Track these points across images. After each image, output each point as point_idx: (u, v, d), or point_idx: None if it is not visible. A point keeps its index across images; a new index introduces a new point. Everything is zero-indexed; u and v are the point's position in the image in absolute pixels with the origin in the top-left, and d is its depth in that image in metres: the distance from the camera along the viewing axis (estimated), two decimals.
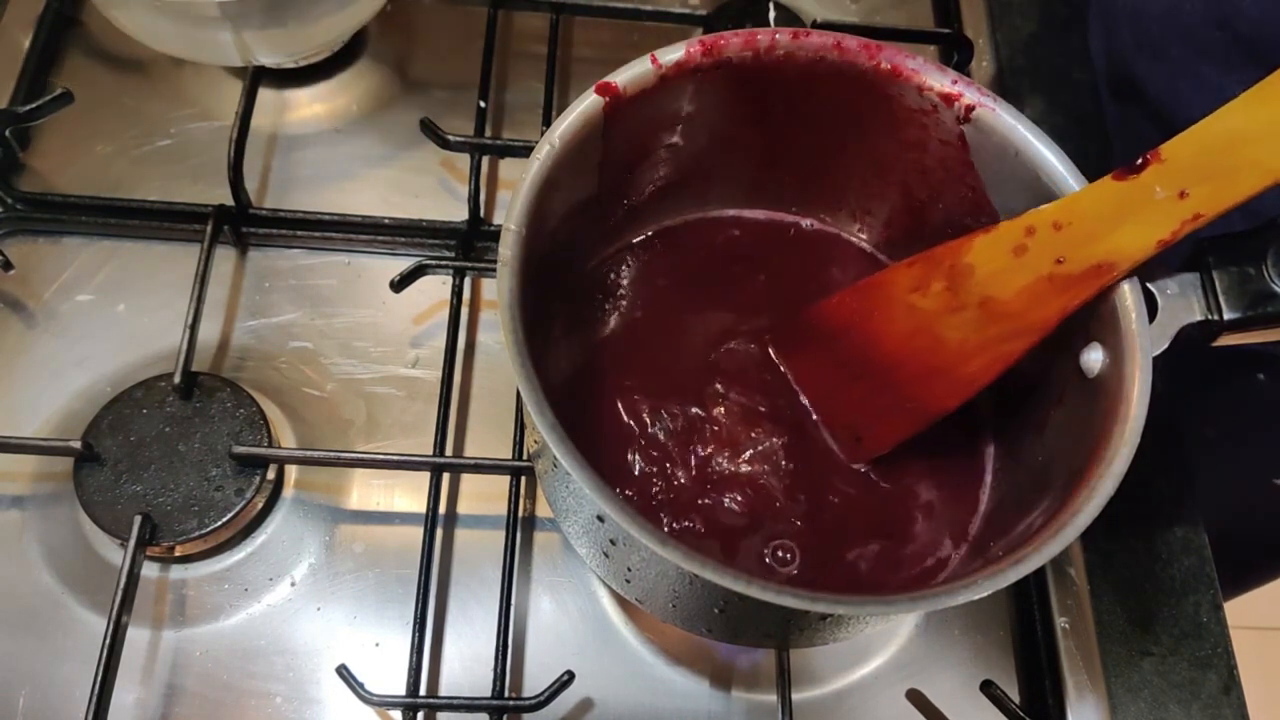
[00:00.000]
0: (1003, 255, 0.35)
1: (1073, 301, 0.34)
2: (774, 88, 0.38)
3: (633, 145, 0.39)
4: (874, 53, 0.37)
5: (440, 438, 0.46)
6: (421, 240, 0.52)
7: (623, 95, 0.36)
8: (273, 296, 0.51)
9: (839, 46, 0.37)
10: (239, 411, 0.45)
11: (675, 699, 0.43)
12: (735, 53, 0.37)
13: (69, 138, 0.54)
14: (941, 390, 0.38)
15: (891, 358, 0.39)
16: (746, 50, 0.37)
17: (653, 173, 0.41)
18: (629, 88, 0.36)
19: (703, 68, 0.37)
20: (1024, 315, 0.35)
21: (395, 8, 0.60)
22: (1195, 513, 0.49)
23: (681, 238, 0.45)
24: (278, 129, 0.55)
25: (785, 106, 0.39)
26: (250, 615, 0.43)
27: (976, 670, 0.44)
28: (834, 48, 0.37)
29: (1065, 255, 0.34)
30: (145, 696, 0.41)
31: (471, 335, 0.51)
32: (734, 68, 0.37)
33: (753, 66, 0.37)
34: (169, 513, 0.42)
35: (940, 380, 0.38)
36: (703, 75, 0.37)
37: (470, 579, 0.45)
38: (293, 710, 0.41)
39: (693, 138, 0.40)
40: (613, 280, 0.43)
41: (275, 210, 0.52)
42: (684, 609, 0.36)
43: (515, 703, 0.41)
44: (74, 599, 0.43)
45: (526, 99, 0.57)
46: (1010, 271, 0.35)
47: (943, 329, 0.37)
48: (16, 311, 0.49)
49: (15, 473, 0.45)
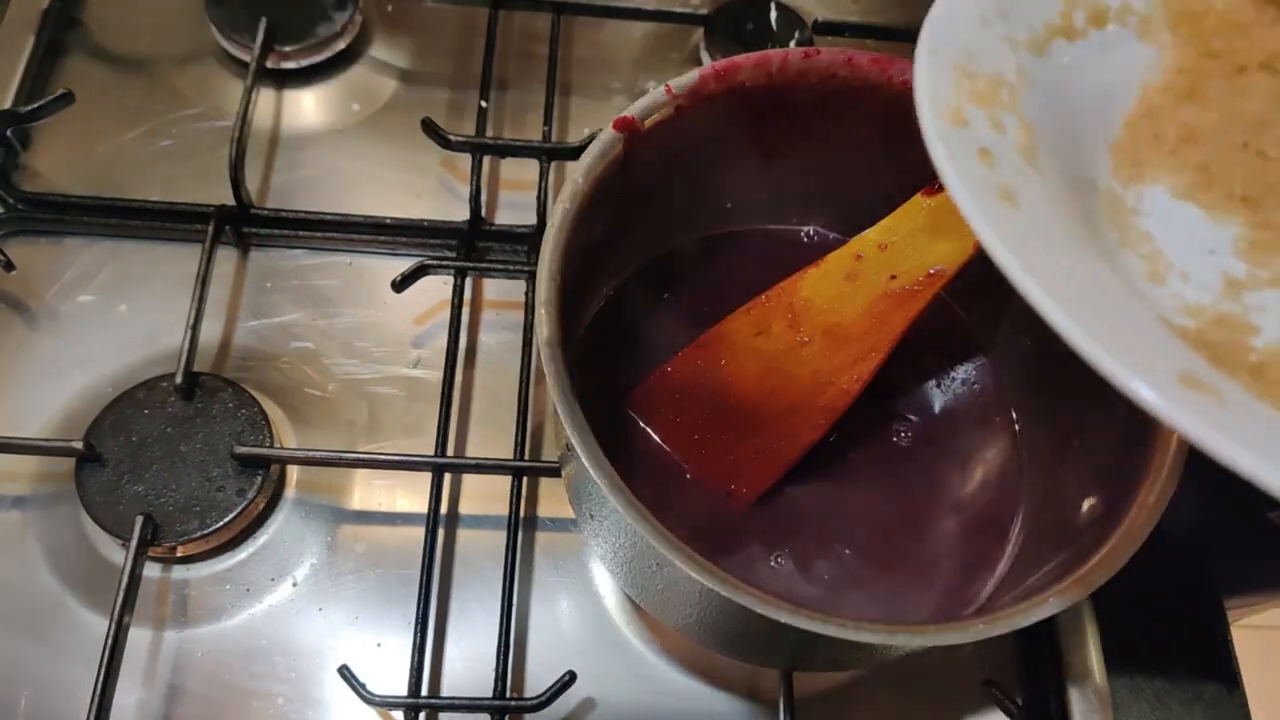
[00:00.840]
0: (837, 284, 0.37)
1: (913, 310, 0.36)
2: (788, 105, 0.38)
3: (651, 173, 0.39)
4: (886, 67, 0.37)
5: (442, 438, 0.46)
6: (423, 240, 0.52)
7: (640, 128, 0.36)
8: (274, 297, 0.51)
9: (850, 63, 0.37)
10: (241, 412, 0.45)
11: (677, 699, 0.43)
12: (748, 76, 0.37)
13: (70, 138, 0.54)
14: (802, 423, 0.39)
15: (747, 403, 0.40)
16: (759, 72, 0.37)
17: (670, 195, 0.42)
18: (646, 120, 0.36)
19: (716, 94, 0.37)
20: (870, 334, 0.37)
21: (396, 8, 0.60)
22: (1196, 512, 0.49)
23: (699, 256, 0.45)
24: (279, 129, 0.55)
25: (801, 124, 0.40)
26: (252, 616, 0.43)
27: (977, 670, 0.44)
28: (845, 64, 0.37)
29: (896, 271, 0.36)
30: (147, 697, 0.41)
31: (473, 335, 0.51)
32: (747, 91, 0.37)
33: (765, 88, 0.37)
34: (171, 513, 0.42)
35: (799, 415, 0.39)
36: (717, 100, 0.37)
37: (472, 579, 0.45)
38: (294, 711, 0.41)
39: (710, 158, 0.40)
40: (629, 305, 0.43)
41: (277, 210, 0.52)
42: (705, 629, 0.36)
43: (517, 703, 0.41)
44: (76, 599, 0.43)
45: (527, 99, 0.57)
46: (847, 297, 0.37)
47: (792, 365, 0.39)
48: (18, 312, 0.49)
49: (17, 473, 0.45)
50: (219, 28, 0.55)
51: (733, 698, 0.43)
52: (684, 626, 0.37)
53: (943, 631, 0.30)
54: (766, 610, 0.28)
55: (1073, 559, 0.32)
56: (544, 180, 0.52)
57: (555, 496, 0.47)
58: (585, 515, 0.37)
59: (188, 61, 0.57)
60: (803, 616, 0.28)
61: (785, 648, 0.37)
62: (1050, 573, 0.33)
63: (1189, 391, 0.22)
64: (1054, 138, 0.29)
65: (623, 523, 0.30)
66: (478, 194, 0.51)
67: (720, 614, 0.33)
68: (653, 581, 0.34)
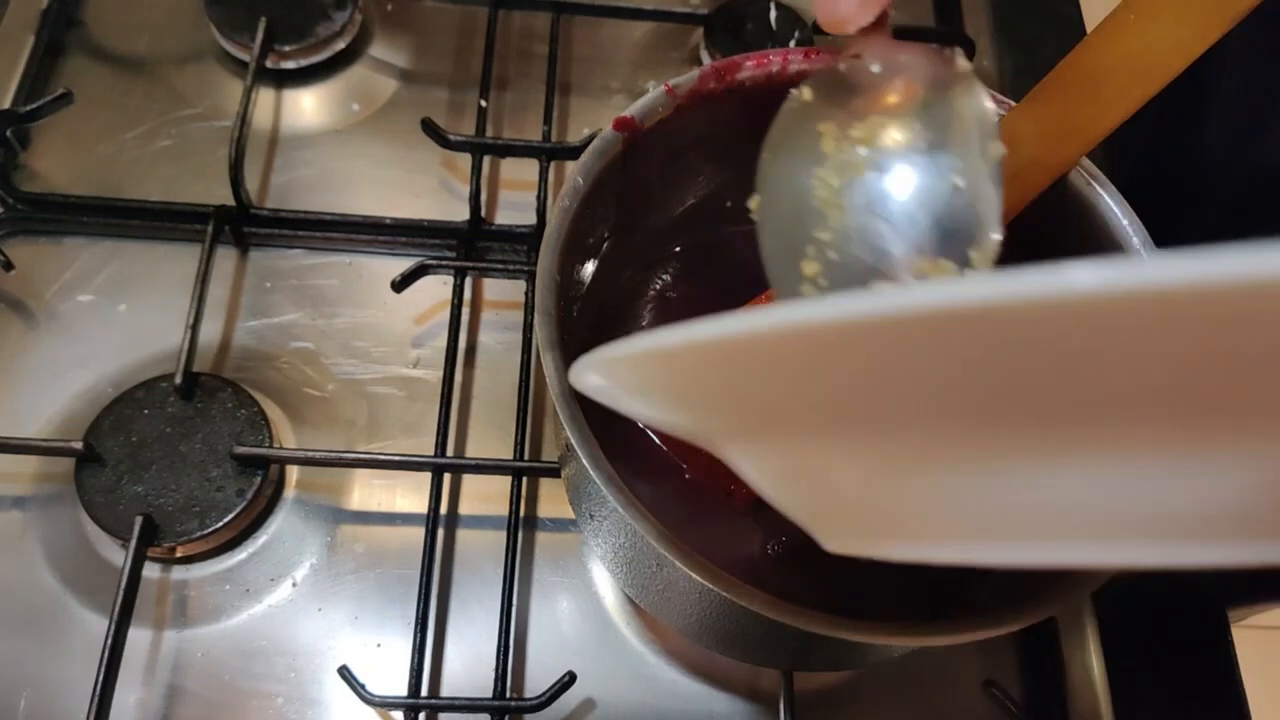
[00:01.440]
0: None
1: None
2: None
3: (651, 172, 0.39)
4: None
5: (441, 438, 0.46)
6: (423, 240, 0.52)
7: (640, 127, 0.36)
8: (274, 297, 0.51)
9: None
10: (240, 412, 0.45)
11: (677, 699, 0.43)
12: (748, 76, 0.37)
13: (70, 138, 0.54)
14: None
15: None
16: (759, 72, 0.37)
17: (670, 195, 0.41)
18: (645, 119, 0.36)
19: (716, 94, 0.37)
20: None
21: (396, 8, 0.60)
22: None
23: (700, 256, 0.44)
24: (279, 129, 0.55)
25: None
26: (251, 616, 0.43)
27: (978, 670, 0.44)
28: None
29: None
30: (146, 697, 0.41)
31: (473, 335, 0.51)
32: (747, 90, 0.37)
33: (765, 88, 0.37)
34: (170, 513, 0.42)
35: None
36: (717, 99, 0.37)
37: (472, 579, 0.45)
38: (294, 711, 0.41)
39: (710, 157, 0.40)
40: (629, 306, 0.43)
41: (276, 210, 0.51)
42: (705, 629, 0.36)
43: (517, 703, 0.41)
44: (75, 600, 0.43)
45: (527, 99, 0.57)
46: None
47: None
48: (17, 312, 0.49)
49: (16, 473, 0.45)
50: (218, 27, 0.55)
51: (733, 698, 0.43)
52: (684, 626, 0.37)
53: (943, 631, 0.30)
54: (766, 610, 0.28)
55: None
56: (544, 180, 0.52)
57: (555, 496, 0.47)
58: (585, 515, 0.37)
59: (187, 61, 0.57)
60: (803, 616, 0.28)
61: (785, 648, 0.37)
62: (1050, 573, 0.33)
63: None
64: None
65: (622, 523, 0.30)
66: (477, 194, 0.51)
67: (720, 614, 0.33)
68: (653, 581, 0.34)
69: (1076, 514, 0.17)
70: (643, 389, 0.22)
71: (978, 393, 0.16)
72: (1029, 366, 0.14)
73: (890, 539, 0.23)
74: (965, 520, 0.20)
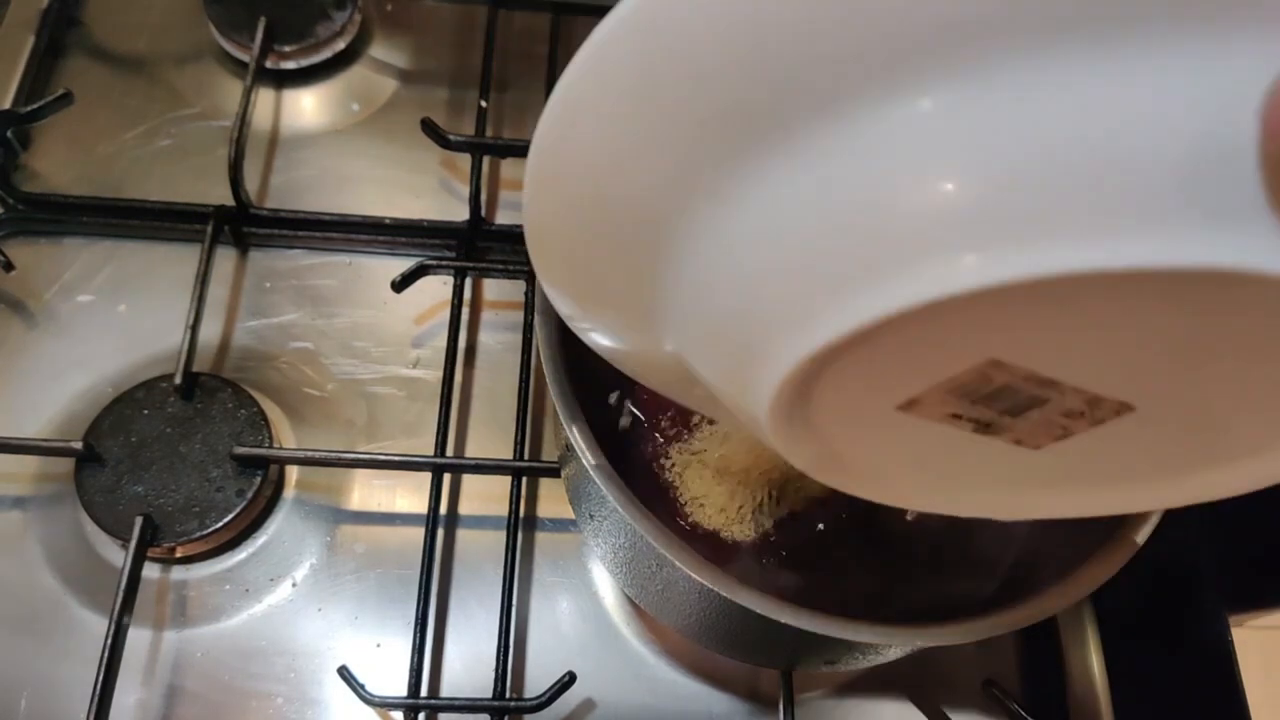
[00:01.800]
0: None
1: None
2: None
3: None
4: None
5: (441, 438, 0.46)
6: (422, 240, 0.52)
7: None
8: (273, 297, 0.51)
9: None
10: (240, 412, 0.45)
11: (677, 700, 0.43)
12: None
13: (69, 138, 0.54)
14: None
15: None
16: None
17: None
18: None
19: None
20: None
21: (395, 7, 0.60)
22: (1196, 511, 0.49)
23: None
24: (278, 129, 0.55)
25: None
26: (251, 616, 0.43)
27: (978, 670, 0.44)
28: None
29: None
30: (146, 697, 0.41)
31: (472, 336, 0.51)
32: None
33: None
34: (170, 513, 0.42)
35: None
36: None
37: (471, 579, 0.45)
38: (294, 711, 0.41)
39: None
40: None
41: (276, 210, 0.51)
42: (705, 629, 0.36)
43: (517, 703, 0.41)
44: (75, 600, 0.43)
45: (527, 99, 0.57)
46: None
47: None
48: (17, 312, 0.49)
49: (16, 474, 0.45)
50: (218, 27, 0.55)
51: (733, 698, 0.43)
52: (684, 626, 0.37)
53: (943, 631, 0.30)
54: (766, 610, 0.28)
55: (1073, 559, 0.32)
56: None
57: (555, 496, 0.47)
58: (585, 515, 0.37)
59: (187, 61, 0.57)
60: (803, 616, 0.28)
61: (785, 647, 0.37)
62: (1050, 573, 0.33)
63: None
64: None
65: (622, 523, 0.30)
66: (477, 194, 0.51)
67: (720, 614, 0.33)
68: (653, 581, 0.34)
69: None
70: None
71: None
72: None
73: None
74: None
